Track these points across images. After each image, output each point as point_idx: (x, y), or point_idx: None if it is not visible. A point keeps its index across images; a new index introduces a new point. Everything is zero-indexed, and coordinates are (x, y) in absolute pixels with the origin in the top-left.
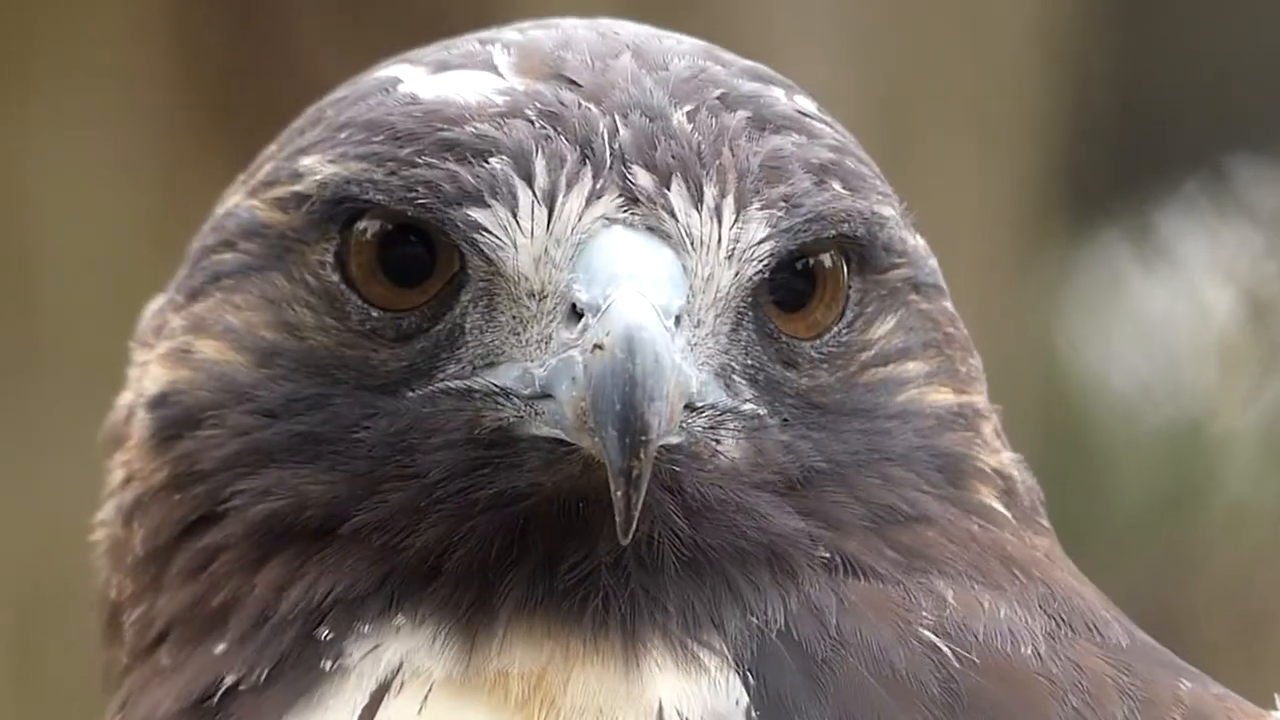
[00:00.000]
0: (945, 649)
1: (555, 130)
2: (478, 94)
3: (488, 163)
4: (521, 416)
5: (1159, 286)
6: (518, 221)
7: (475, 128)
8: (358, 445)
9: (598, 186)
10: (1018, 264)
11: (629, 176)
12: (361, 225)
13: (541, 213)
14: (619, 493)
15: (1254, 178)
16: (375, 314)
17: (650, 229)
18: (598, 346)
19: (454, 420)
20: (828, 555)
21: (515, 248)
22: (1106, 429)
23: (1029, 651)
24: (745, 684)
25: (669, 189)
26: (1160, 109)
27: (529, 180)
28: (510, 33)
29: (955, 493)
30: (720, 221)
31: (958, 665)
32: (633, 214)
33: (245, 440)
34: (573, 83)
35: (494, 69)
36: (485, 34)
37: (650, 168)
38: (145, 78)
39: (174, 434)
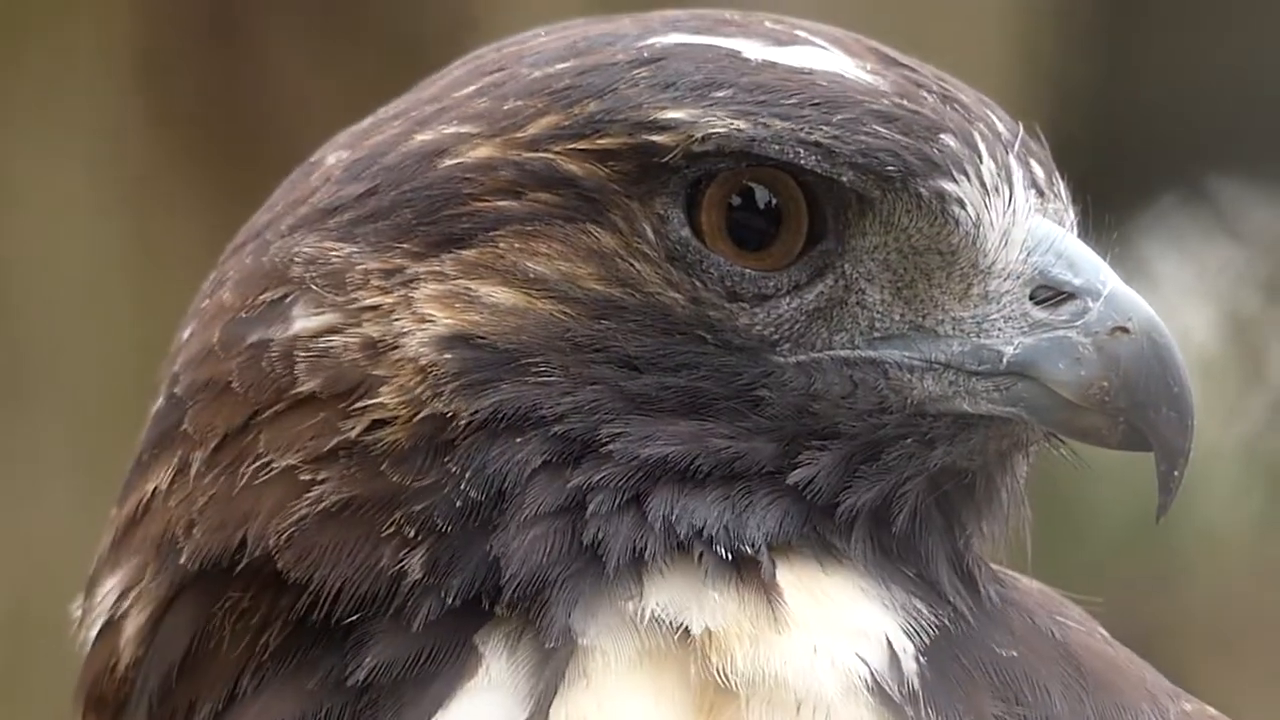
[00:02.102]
0: (1061, 637)
1: (969, 116)
2: (850, 71)
3: (939, 138)
4: (957, 391)
5: None
6: (987, 196)
7: (898, 103)
8: (758, 406)
9: (1023, 174)
10: None
11: (1031, 167)
12: (718, 187)
13: (1005, 190)
14: (1175, 472)
15: (1234, 197)
16: (738, 275)
17: (1057, 221)
18: (1119, 329)
19: (869, 393)
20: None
21: (988, 224)
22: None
23: (1121, 651)
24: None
25: (1054, 181)
26: (1139, 128)
27: (980, 159)
28: (767, 19)
29: None
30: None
31: (1075, 650)
32: (1043, 204)
33: (606, 389)
34: (913, 70)
35: (825, 49)
36: (726, 19)
37: (1038, 159)
38: (120, 106)
39: (488, 377)
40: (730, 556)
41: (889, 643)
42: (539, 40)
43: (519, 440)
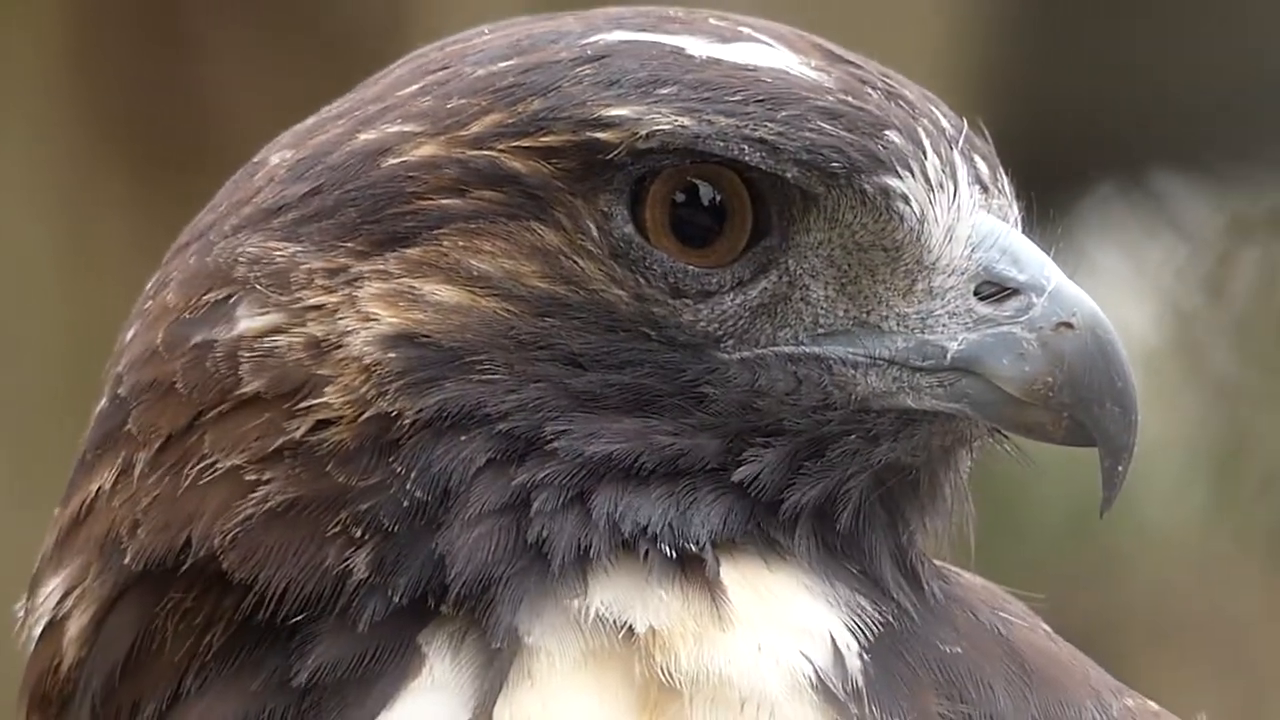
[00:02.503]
0: (1005, 633)
1: (914, 112)
2: (795, 68)
3: (884, 134)
4: (901, 387)
5: None
6: (932, 192)
7: (843, 100)
8: (702, 403)
9: (967, 170)
10: None
11: (976, 163)
12: (661, 184)
13: (950, 186)
14: (1119, 468)
15: (1174, 190)
16: (684, 268)
17: (1001, 217)
18: (1064, 325)
19: (813, 389)
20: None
21: (932, 220)
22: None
23: (1064, 647)
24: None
25: (998, 176)
26: (1077, 119)
27: (924, 156)
28: (712, 16)
29: None
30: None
31: (1019, 646)
32: (990, 199)
33: (550, 387)
34: (858, 66)
35: (769, 45)
36: (670, 16)
37: (982, 156)
38: (52, 107)
39: (433, 375)
40: (675, 554)
41: (833, 640)
42: (482, 39)
43: (463, 439)
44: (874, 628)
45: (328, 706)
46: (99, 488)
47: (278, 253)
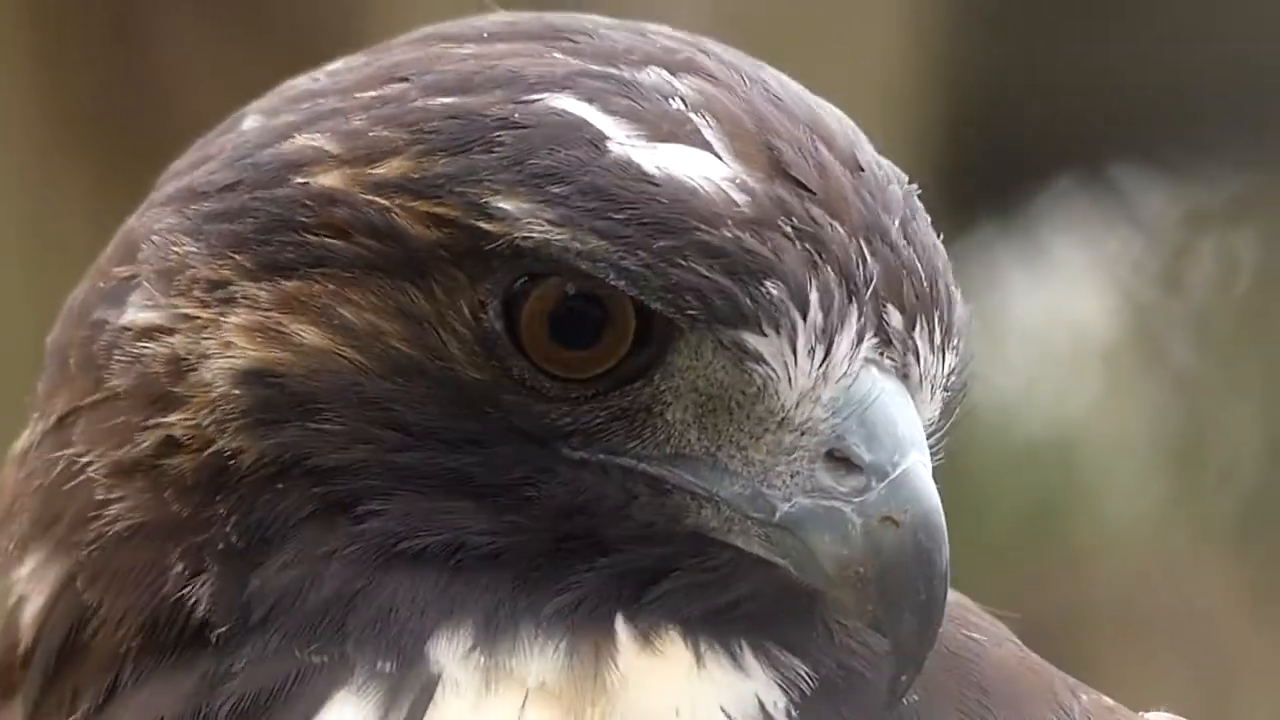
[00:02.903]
0: (970, 657)
1: (820, 257)
2: (713, 185)
3: (762, 285)
4: (732, 528)
5: (1037, 291)
6: (795, 356)
7: (738, 237)
8: (527, 502)
9: (861, 326)
10: None
11: (884, 315)
12: (541, 288)
13: (820, 350)
14: (903, 677)
15: (1133, 183)
16: (543, 379)
17: (903, 375)
18: (889, 519)
19: (645, 509)
20: None
21: (787, 381)
22: (983, 433)
23: (1030, 659)
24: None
25: (914, 330)
26: (1037, 111)
27: (804, 313)
28: (682, 83)
29: None
30: (944, 362)
31: (983, 669)
32: (886, 357)
33: (376, 452)
34: (802, 185)
35: (708, 146)
36: (648, 71)
37: (900, 306)
38: (11, 97)
39: (276, 418)
40: (503, 640)
41: (759, 702)
42: (460, 51)
43: (285, 489)
44: (808, 684)
45: (259, 707)
46: (22, 448)
47: (174, 246)
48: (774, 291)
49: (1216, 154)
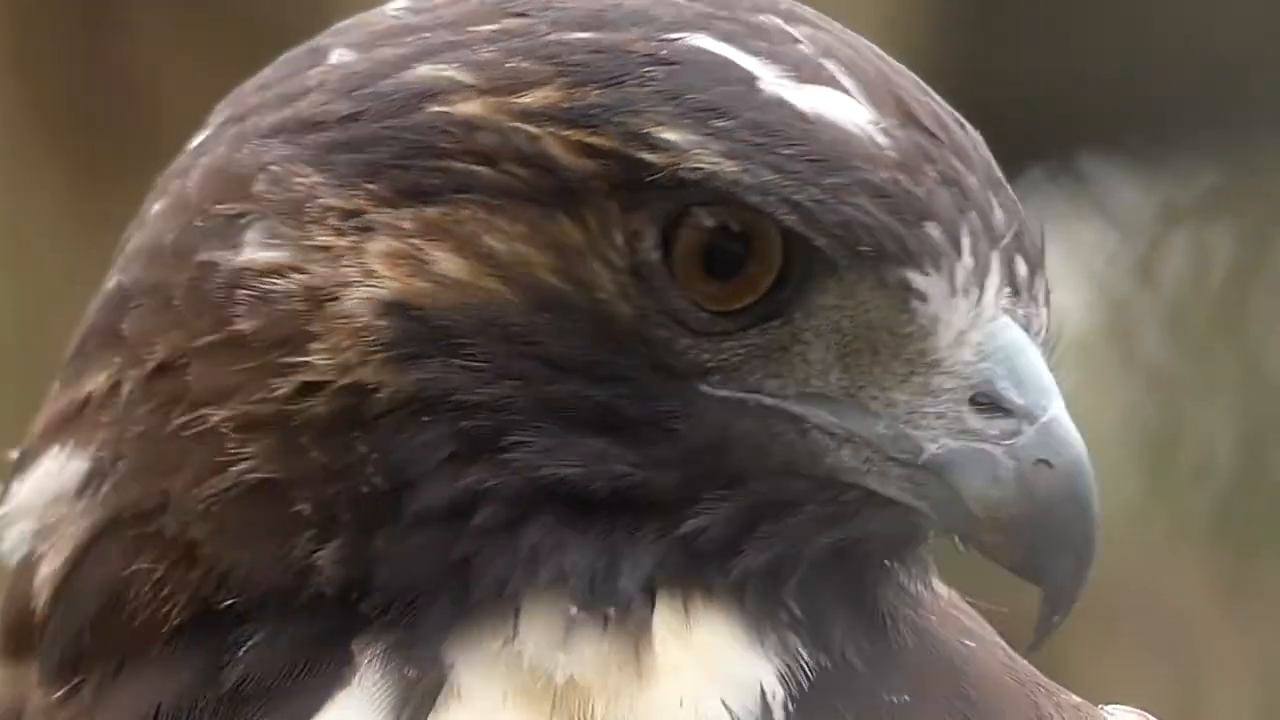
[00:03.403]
0: (959, 663)
1: (965, 202)
2: (860, 128)
3: (923, 226)
4: (871, 469)
5: None
6: (954, 297)
7: (896, 179)
8: (671, 437)
9: (1001, 274)
10: None
11: (1014, 265)
12: (698, 217)
13: (974, 293)
14: (1056, 618)
15: (1106, 176)
16: (693, 312)
17: (1025, 326)
18: (1044, 462)
19: (785, 447)
20: None
21: (945, 322)
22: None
23: (1018, 666)
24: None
25: (1034, 282)
26: (1009, 107)
27: (959, 255)
28: (797, 29)
29: None
30: (1049, 317)
31: (971, 678)
32: (1015, 306)
33: (523, 386)
34: (932, 133)
35: (846, 90)
36: (765, 16)
37: (1024, 257)
38: None
39: (419, 353)
40: (600, 601)
41: (761, 690)
42: None
43: (430, 426)
44: (807, 676)
45: (253, 706)
46: (90, 391)
47: (299, 177)
48: (933, 233)
49: (1190, 147)
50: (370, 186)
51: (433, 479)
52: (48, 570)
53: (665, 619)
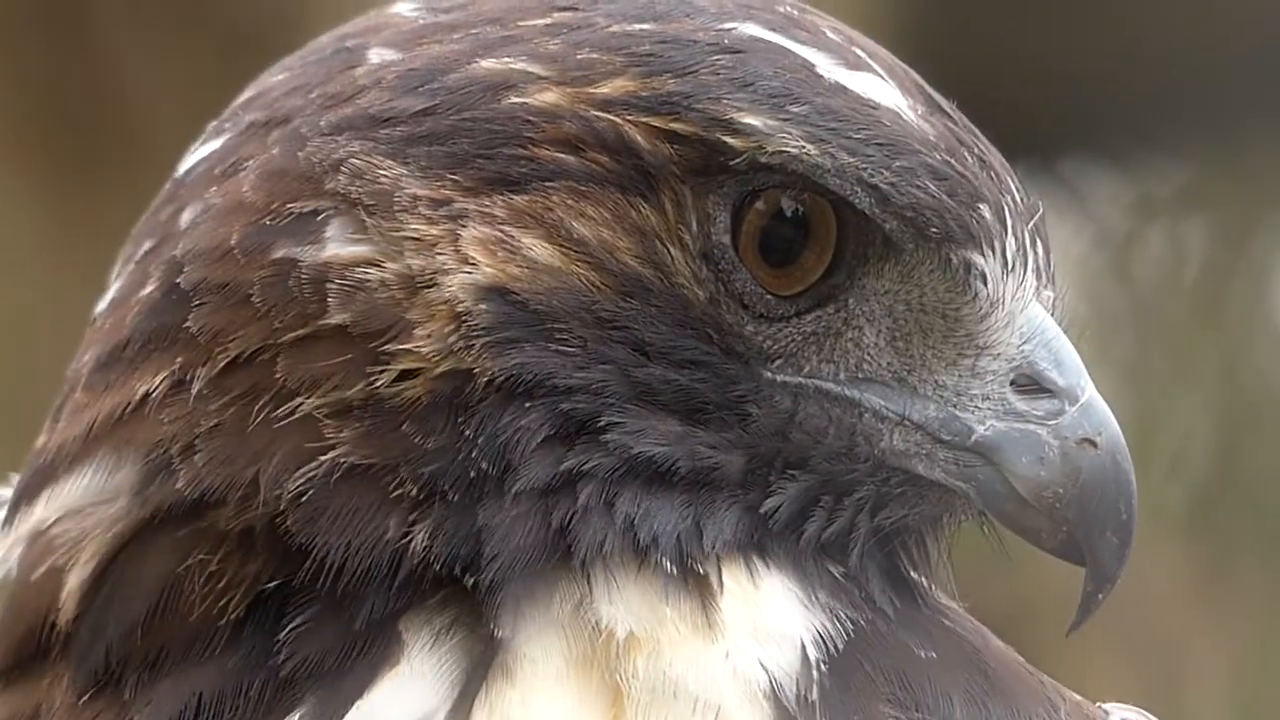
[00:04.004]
0: (979, 644)
1: (1001, 185)
2: (907, 113)
3: (977, 208)
4: (918, 452)
5: None
6: (1007, 278)
7: (949, 161)
8: (746, 418)
9: (1034, 254)
10: None
11: (1038, 249)
12: (760, 204)
13: (1019, 274)
14: (1100, 596)
15: (1083, 173)
16: (760, 295)
17: (1048, 306)
18: (1088, 441)
19: (843, 432)
20: None
21: (1001, 304)
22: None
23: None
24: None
25: (1050, 263)
26: (984, 104)
27: (1006, 236)
28: (819, 19)
29: None
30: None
31: (988, 658)
32: (1040, 289)
33: (615, 370)
34: (952, 119)
35: (883, 78)
36: (786, 6)
37: (1044, 242)
38: None
39: (516, 337)
40: (679, 567)
41: (802, 648)
42: None
43: (529, 409)
44: (845, 634)
45: (302, 688)
46: (146, 392)
47: (382, 170)
48: (987, 214)
49: (1165, 144)
50: (455, 177)
51: (533, 460)
52: (76, 581)
53: (735, 580)
